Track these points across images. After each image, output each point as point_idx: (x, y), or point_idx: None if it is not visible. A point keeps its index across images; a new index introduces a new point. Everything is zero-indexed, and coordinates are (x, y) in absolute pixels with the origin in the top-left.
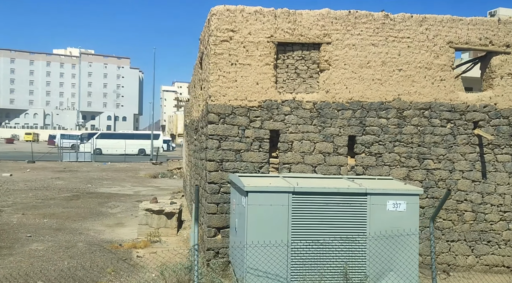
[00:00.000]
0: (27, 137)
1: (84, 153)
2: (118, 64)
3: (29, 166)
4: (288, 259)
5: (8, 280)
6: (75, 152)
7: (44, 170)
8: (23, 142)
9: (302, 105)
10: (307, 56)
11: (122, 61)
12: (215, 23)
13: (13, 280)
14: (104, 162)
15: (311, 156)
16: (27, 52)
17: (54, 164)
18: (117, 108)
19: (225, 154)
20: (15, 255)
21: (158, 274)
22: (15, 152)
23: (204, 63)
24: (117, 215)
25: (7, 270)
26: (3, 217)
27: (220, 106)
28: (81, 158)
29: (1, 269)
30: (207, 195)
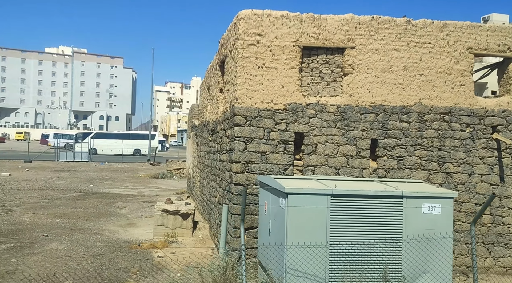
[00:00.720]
0: (18, 136)
1: (81, 153)
2: (111, 63)
3: (26, 165)
4: (327, 260)
5: (37, 280)
6: (72, 152)
7: (42, 169)
8: (14, 140)
9: (326, 109)
10: (331, 60)
11: (115, 60)
12: (242, 27)
13: (42, 280)
14: (101, 162)
15: (335, 159)
16: (19, 50)
17: (51, 163)
18: (110, 108)
19: (251, 155)
20: (37, 254)
21: (183, 274)
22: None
23: (228, 66)
24: (127, 216)
25: (33, 269)
26: (15, 216)
27: (247, 109)
28: (78, 158)
29: (27, 269)
30: (232, 196)
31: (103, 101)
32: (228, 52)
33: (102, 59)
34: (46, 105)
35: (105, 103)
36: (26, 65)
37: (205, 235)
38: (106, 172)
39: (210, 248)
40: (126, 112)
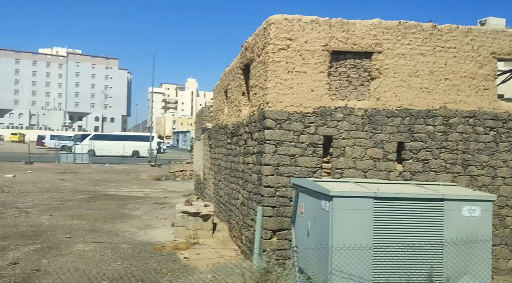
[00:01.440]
0: (13, 137)
1: (82, 155)
2: (106, 64)
3: (28, 167)
4: (371, 261)
5: (72, 281)
6: (72, 153)
7: (44, 171)
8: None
9: (354, 112)
10: (358, 65)
11: (110, 61)
12: (273, 32)
13: (77, 281)
14: (102, 164)
15: (362, 161)
16: (13, 51)
17: (52, 165)
18: (105, 109)
19: (281, 158)
20: (66, 255)
21: (213, 275)
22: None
23: (256, 70)
24: (142, 217)
25: (65, 269)
26: (32, 218)
27: (277, 113)
28: (79, 159)
29: (60, 269)
30: (262, 198)
31: (98, 103)
32: (256, 56)
33: (97, 60)
34: (41, 106)
35: (100, 105)
36: (20, 66)
37: (225, 236)
38: (109, 174)
39: (233, 249)
40: (121, 114)
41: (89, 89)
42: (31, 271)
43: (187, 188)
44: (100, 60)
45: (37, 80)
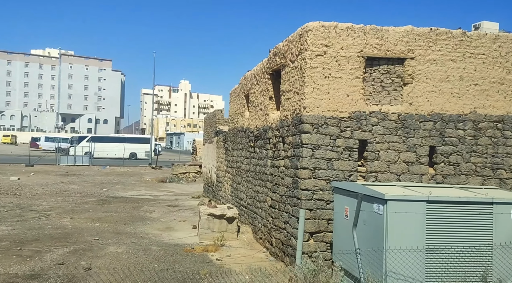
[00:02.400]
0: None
1: (82, 157)
2: (99, 66)
3: (29, 169)
4: (424, 263)
5: (118, 281)
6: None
7: (47, 173)
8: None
9: (388, 117)
10: (392, 70)
11: (103, 63)
12: (311, 39)
13: (124, 281)
14: (103, 166)
15: (396, 165)
16: (5, 52)
17: (53, 167)
18: (98, 111)
19: (318, 162)
20: (102, 257)
21: (251, 277)
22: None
23: (289, 75)
24: (160, 220)
25: (106, 271)
26: (54, 220)
27: (314, 117)
28: (79, 162)
29: (101, 271)
30: (298, 201)
31: (91, 104)
32: (289, 62)
33: (90, 62)
34: (33, 108)
35: (94, 106)
36: (12, 67)
37: (249, 238)
38: (112, 176)
39: (261, 251)
40: (114, 115)
41: (82, 91)
42: (76, 272)
43: (193, 190)
44: (94, 62)
45: (29, 82)
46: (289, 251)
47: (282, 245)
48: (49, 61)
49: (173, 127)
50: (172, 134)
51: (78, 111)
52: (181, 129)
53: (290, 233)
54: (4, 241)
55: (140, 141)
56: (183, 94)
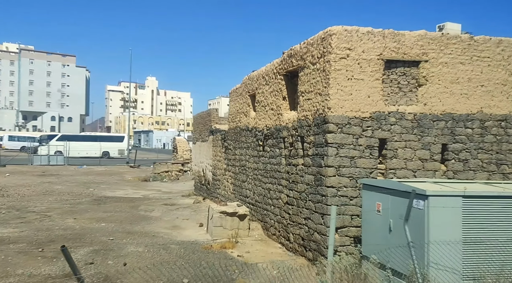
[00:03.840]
0: None
1: (57, 156)
2: (63, 62)
3: (3, 170)
4: (461, 254)
5: (154, 279)
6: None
7: (23, 174)
8: None
9: (405, 117)
10: (407, 72)
11: (67, 59)
12: (335, 42)
13: (158, 279)
14: (79, 165)
15: (412, 162)
16: None
17: (27, 167)
18: (62, 109)
19: (342, 160)
20: (125, 256)
21: (278, 272)
22: None
23: (309, 77)
24: (163, 219)
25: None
26: (58, 221)
27: (339, 117)
28: (53, 161)
29: (132, 270)
30: (322, 198)
31: (54, 102)
32: (309, 64)
33: (53, 57)
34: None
35: (57, 104)
36: None
37: (260, 234)
38: (92, 176)
39: (276, 247)
40: (79, 113)
41: (44, 88)
42: (107, 271)
43: (181, 189)
44: (56, 57)
45: None
46: (312, 245)
47: (303, 241)
48: (7, 56)
49: (141, 125)
50: (140, 132)
51: (40, 109)
52: (149, 127)
53: (313, 228)
54: (20, 242)
55: (112, 139)
56: (150, 91)
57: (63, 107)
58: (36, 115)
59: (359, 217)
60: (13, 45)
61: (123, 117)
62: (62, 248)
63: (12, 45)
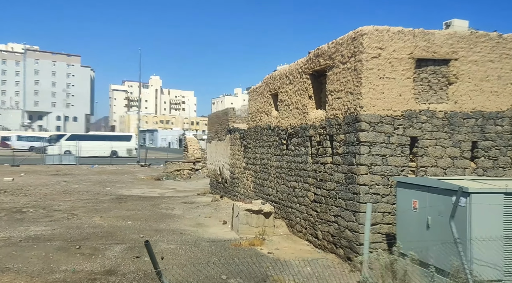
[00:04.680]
0: None
1: (68, 156)
2: (67, 62)
3: (17, 169)
4: (502, 250)
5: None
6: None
7: (38, 173)
8: None
9: (436, 115)
10: (438, 71)
11: (72, 58)
12: (366, 42)
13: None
14: (91, 165)
15: (442, 160)
16: None
17: (40, 167)
18: (67, 108)
19: (374, 158)
20: (160, 253)
21: (311, 268)
22: None
23: (339, 76)
24: (186, 216)
25: (177, 266)
26: (85, 220)
27: (371, 116)
28: (65, 161)
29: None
30: (355, 195)
31: (59, 101)
32: (338, 63)
33: (58, 57)
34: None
35: (62, 103)
36: None
37: (285, 232)
38: (106, 175)
39: (304, 244)
40: (84, 113)
41: (49, 88)
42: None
43: (195, 187)
44: (61, 57)
45: None
46: (343, 243)
47: (332, 238)
48: (13, 57)
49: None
50: (145, 131)
51: (45, 109)
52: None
53: (344, 225)
54: (55, 240)
55: (121, 139)
56: (153, 90)
57: (68, 107)
58: (42, 115)
59: (391, 214)
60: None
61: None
62: (146, 243)
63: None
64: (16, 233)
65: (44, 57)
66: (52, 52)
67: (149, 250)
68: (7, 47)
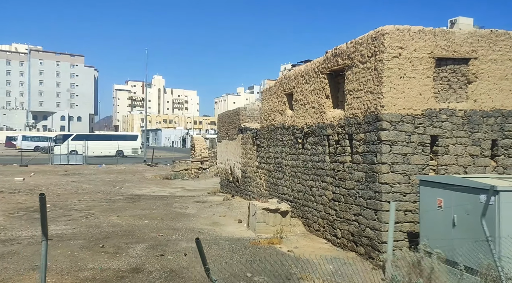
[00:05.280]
0: None
1: (76, 156)
2: (71, 62)
3: (26, 169)
4: None
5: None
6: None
7: (47, 173)
8: None
9: (455, 113)
10: (457, 70)
11: (76, 59)
12: (387, 41)
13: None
14: (98, 164)
15: (463, 158)
16: None
17: (49, 167)
18: (71, 108)
19: (395, 157)
20: (182, 251)
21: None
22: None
23: (358, 75)
24: (200, 215)
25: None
26: (102, 219)
27: (392, 115)
28: (72, 161)
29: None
30: (376, 194)
31: (64, 101)
32: (357, 63)
33: (62, 58)
34: (1, 105)
35: (66, 103)
36: None
37: (302, 230)
38: (114, 174)
39: (322, 242)
40: (88, 112)
41: (53, 88)
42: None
43: (204, 186)
44: (65, 57)
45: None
46: (364, 241)
47: (353, 236)
48: (17, 57)
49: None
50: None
51: (50, 109)
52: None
53: (365, 224)
54: (77, 239)
55: (126, 138)
56: (156, 90)
57: (73, 107)
58: (46, 115)
59: (412, 212)
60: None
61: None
62: (197, 240)
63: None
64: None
65: (48, 58)
66: (56, 53)
67: (199, 247)
68: (11, 47)
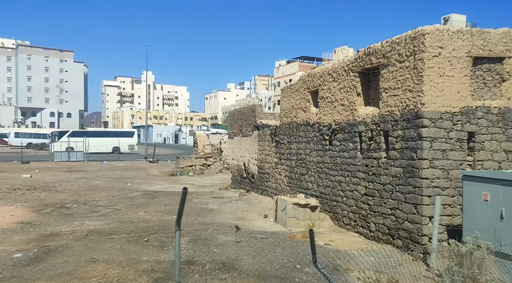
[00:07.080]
0: None
1: (76, 153)
2: (60, 57)
3: (28, 166)
4: None
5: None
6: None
7: (51, 170)
8: None
9: (490, 111)
10: (492, 68)
11: (65, 54)
12: (428, 41)
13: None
14: (100, 161)
15: (497, 154)
16: None
17: (51, 164)
18: (61, 104)
19: (435, 153)
20: (223, 245)
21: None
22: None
23: (396, 74)
24: (223, 211)
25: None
26: (131, 215)
27: (432, 113)
28: (73, 157)
29: (242, 258)
30: (416, 189)
31: (53, 97)
32: (394, 62)
33: (50, 53)
34: None
35: (56, 100)
36: None
37: (330, 224)
38: (119, 171)
39: (354, 236)
40: (78, 109)
41: (42, 83)
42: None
43: (211, 182)
44: (54, 53)
45: None
46: (402, 234)
47: (389, 230)
48: (4, 52)
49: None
50: (140, 127)
51: (39, 105)
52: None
53: (403, 217)
54: (118, 233)
55: (123, 135)
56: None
57: (62, 103)
58: (35, 111)
59: (451, 206)
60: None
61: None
62: (310, 232)
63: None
64: (75, 227)
65: (37, 53)
66: (44, 48)
67: (311, 237)
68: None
